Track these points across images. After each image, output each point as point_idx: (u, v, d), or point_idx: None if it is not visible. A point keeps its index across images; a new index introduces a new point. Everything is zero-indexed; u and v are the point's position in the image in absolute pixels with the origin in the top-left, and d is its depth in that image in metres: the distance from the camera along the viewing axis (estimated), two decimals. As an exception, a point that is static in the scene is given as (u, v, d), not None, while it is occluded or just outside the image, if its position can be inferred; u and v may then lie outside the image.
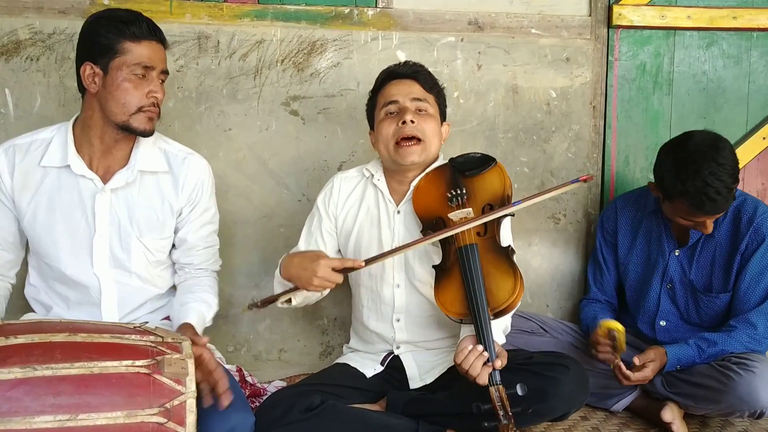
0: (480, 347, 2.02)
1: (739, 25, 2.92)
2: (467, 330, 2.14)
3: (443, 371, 2.35)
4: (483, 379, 1.99)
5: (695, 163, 2.27)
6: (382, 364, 2.39)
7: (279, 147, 2.82)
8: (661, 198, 2.44)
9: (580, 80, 2.93)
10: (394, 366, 2.38)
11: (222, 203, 2.35)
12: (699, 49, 2.96)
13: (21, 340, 1.59)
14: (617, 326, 2.39)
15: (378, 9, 2.82)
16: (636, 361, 2.36)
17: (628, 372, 2.36)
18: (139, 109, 2.04)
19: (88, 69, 2.02)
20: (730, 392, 2.27)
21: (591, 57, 2.93)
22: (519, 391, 1.96)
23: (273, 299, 2.28)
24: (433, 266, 2.24)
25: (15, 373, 1.52)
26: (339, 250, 2.48)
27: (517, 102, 2.91)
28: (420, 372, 2.35)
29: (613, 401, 2.59)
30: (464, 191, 2.26)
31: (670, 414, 2.41)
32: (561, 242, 2.99)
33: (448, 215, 2.23)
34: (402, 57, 2.81)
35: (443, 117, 2.43)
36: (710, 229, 2.39)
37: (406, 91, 2.34)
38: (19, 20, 2.63)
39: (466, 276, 2.11)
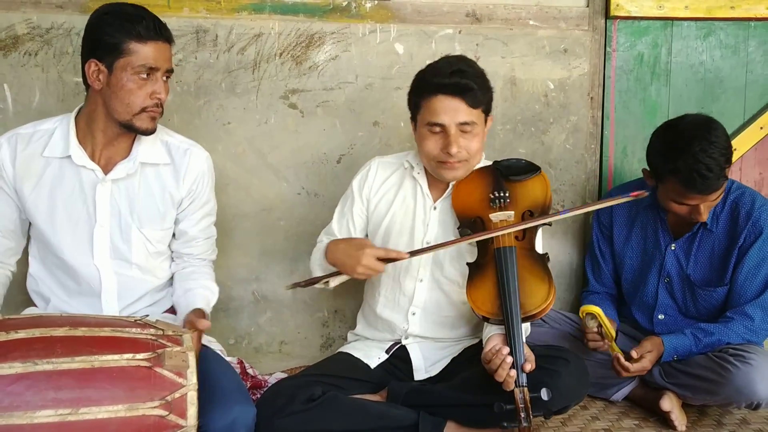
0: (506, 350, 2.01)
1: (736, 14, 2.92)
2: (493, 329, 2.14)
3: (448, 362, 2.35)
4: (509, 385, 1.98)
5: (686, 141, 2.28)
6: (387, 352, 2.39)
7: (278, 140, 2.82)
8: (655, 186, 2.44)
9: (578, 71, 2.93)
10: (398, 356, 2.38)
11: (221, 197, 2.36)
12: (697, 40, 2.96)
13: (21, 334, 1.59)
14: (593, 309, 2.38)
15: (376, 1, 2.81)
16: (633, 354, 2.37)
17: (626, 363, 2.37)
18: (143, 110, 2.04)
19: (92, 66, 2.02)
20: (727, 384, 2.27)
21: (589, 48, 2.93)
22: (544, 395, 1.96)
23: (315, 281, 2.31)
24: (468, 263, 2.24)
25: (16, 367, 1.52)
26: (367, 235, 2.46)
27: (515, 94, 2.91)
28: (426, 364, 2.36)
29: (613, 391, 2.60)
30: (507, 194, 2.27)
31: (669, 403, 2.41)
32: (559, 233, 3.00)
33: (489, 216, 2.24)
34: (400, 49, 2.81)
35: (489, 111, 2.34)
36: (705, 216, 2.37)
37: (452, 114, 2.20)
38: (17, 15, 2.63)
39: (502, 277, 2.11)
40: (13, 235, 2.19)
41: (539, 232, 2.29)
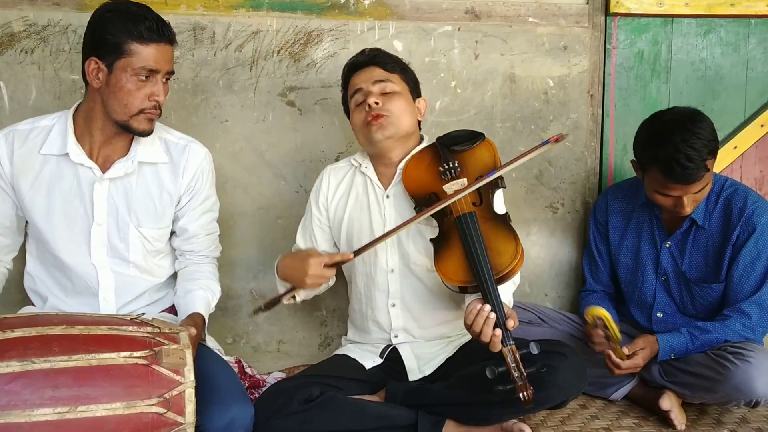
0: (488, 307, 2.01)
1: (737, 12, 2.92)
2: (471, 299, 2.12)
3: (442, 362, 2.35)
4: (495, 346, 1.98)
5: (669, 130, 2.29)
6: (381, 356, 2.39)
7: (276, 138, 2.81)
8: (642, 178, 2.45)
9: (578, 69, 2.92)
10: (392, 358, 2.38)
11: (219, 195, 2.35)
12: (697, 37, 2.96)
13: (18, 333, 1.59)
14: (601, 312, 2.38)
15: (374, -2, 2.81)
16: (625, 350, 2.37)
17: (618, 360, 2.37)
18: (140, 111, 2.03)
19: (92, 64, 2.01)
20: (725, 382, 2.27)
21: (588, 45, 2.92)
22: (533, 349, 1.95)
23: (276, 301, 2.32)
24: (431, 239, 2.24)
25: (13, 366, 1.53)
26: (334, 243, 2.49)
27: (514, 91, 2.91)
28: (419, 364, 2.35)
29: (612, 390, 2.59)
30: (456, 164, 2.27)
31: (668, 402, 2.41)
32: (559, 232, 2.99)
33: (443, 188, 2.24)
34: (399, 47, 2.80)
35: (416, 93, 2.44)
36: (689, 210, 2.37)
37: (367, 77, 2.36)
38: (13, 12, 2.62)
39: (468, 242, 2.11)
40: (9, 232, 2.18)
41: (497, 194, 2.29)
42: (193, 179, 2.21)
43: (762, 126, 2.96)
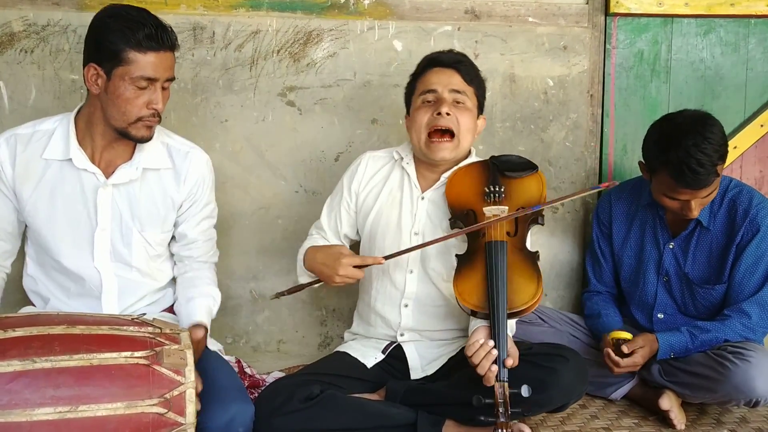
0: (491, 343, 2.00)
1: (736, 12, 2.91)
2: (478, 322, 2.12)
3: (444, 362, 2.35)
4: (489, 380, 1.98)
5: (681, 134, 2.28)
6: (383, 352, 2.39)
7: (276, 138, 2.81)
8: (650, 179, 2.44)
9: (578, 68, 2.92)
10: (395, 355, 2.37)
11: (219, 195, 2.35)
12: (697, 37, 2.96)
13: (19, 332, 1.59)
14: (626, 336, 2.41)
15: (374, -2, 2.81)
16: (624, 349, 2.37)
17: (617, 359, 2.37)
18: (139, 119, 2.01)
19: (91, 70, 1.99)
20: (725, 381, 2.27)
21: (588, 45, 2.92)
22: (524, 392, 1.95)
23: (299, 288, 2.34)
24: (457, 255, 2.23)
25: (14, 365, 1.52)
26: (358, 230, 2.48)
27: (514, 91, 2.91)
28: (422, 363, 2.35)
29: (612, 389, 2.59)
30: (502, 189, 2.27)
31: (668, 402, 2.41)
32: (559, 232, 2.99)
33: (482, 209, 2.23)
34: (398, 46, 2.80)
35: (481, 110, 2.42)
36: (696, 213, 2.36)
37: (445, 81, 2.31)
38: (13, 12, 2.62)
39: (492, 271, 2.10)
40: (9, 237, 2.17)
41: (530, 230, 2.28)
42: (194, 186, 2.20)
43: (762, 126, 2.96)
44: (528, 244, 2.24)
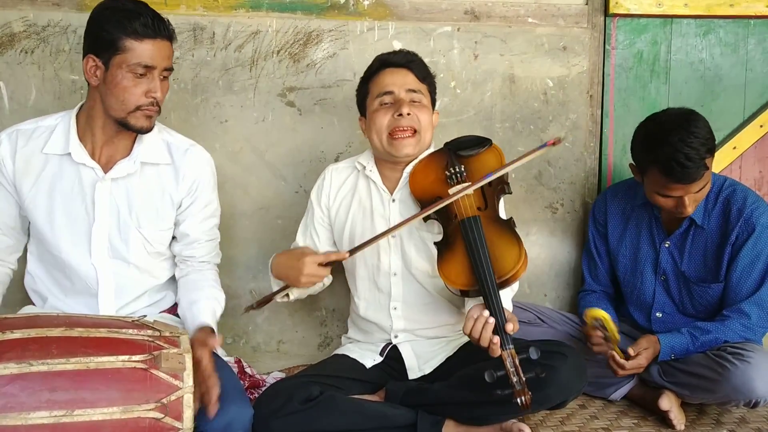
0: (487, 312, 2.00)
1: (736, 12, 2.91)
2: (473, 302, 2.12)
3: (442, 361, 2.35)
4: (495, 351, 1.97)
5: (665, 131, 2.30)
6: (381, 354, 2.39)
7: (275, 138, 2.81)
8: (642, 180, 2.45)
9: (577, 69, 2.92)
10: (393, 356, 2.38)
11: (219, 195, 2.35)
12: (696, 37, 2.95)
13: (17, 335, 1.59)
14: (600, 313, 2.39)
15: (373, -1, 2.81)
16: (630, 351, 2.37)
17: (622, 361, 2.37)
18: (137, 108, 2.03)
19: (90, 62, 2.01)
20: (725, 382, 2.27)
21: (588, 46, 2.92)
22: (532, 354, 1.94)
23: (269, 299, 2.33)
24: (435, 243, 2.24)
25: (11, 368, 1.53)
26: (335, 242, 2.49)
27: (514, 91, 2.90)
28: (419, 362, 2.36)
29: (611, 390, 2.59)
30: (462, 168, 2.28)
31: (668, 402, 2.41)
32: (558, 232, 2.99)
33: (449, 192, 2.23)
34: (398, 47, 2.79)
35: (434, 105, 2.44)
36: (690, 210, 2.37)
37: (400, 82, 2.33)
38: (13, 13, 2.62)
39: (471, 246, 2.11)
40: (13, 232, 2.18)
41: (501, 199, 2.29)
42: (194, 183, 2.20)
43: (761, 126, 2.95)
44: (502, 214, 2.26)
